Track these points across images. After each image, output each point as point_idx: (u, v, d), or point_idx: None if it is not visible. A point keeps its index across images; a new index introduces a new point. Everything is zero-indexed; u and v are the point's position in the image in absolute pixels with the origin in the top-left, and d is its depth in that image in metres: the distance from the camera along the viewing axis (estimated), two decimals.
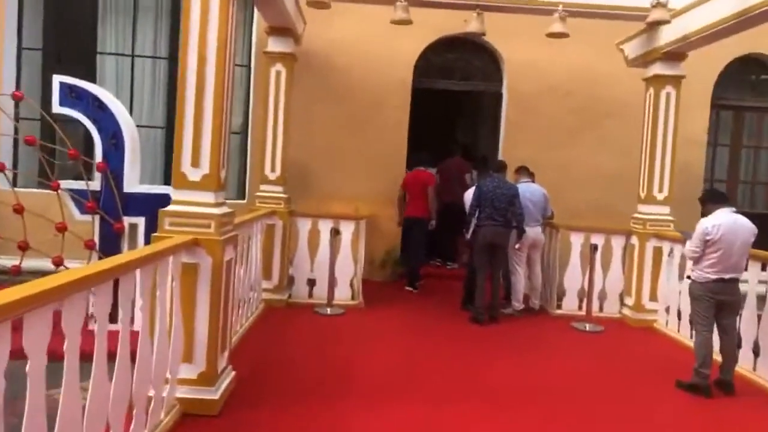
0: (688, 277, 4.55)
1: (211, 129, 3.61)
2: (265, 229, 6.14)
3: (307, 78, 7.72)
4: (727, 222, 4.24)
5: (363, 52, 7.85)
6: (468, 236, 6.25)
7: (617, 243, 6.62)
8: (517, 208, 6.10)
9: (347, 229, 6.48)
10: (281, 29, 6.21)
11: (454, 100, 9.83)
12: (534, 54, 7.96)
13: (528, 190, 6.41)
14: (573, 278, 6.63)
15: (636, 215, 6.56)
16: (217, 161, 3.64)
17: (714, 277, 4.27)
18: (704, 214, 4.39)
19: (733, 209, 4.36)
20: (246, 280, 5.31)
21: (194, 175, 3.62)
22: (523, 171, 6.67)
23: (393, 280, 7.94)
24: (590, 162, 8.06)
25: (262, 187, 6.36)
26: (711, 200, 4.41)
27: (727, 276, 4.26)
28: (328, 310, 6.19)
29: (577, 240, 6.60)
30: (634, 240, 6.47)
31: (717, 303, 4.31)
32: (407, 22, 6.12)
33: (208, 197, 3.62)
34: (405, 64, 7.93)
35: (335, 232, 6.29)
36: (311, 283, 6.58)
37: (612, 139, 8.08)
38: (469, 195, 6.52)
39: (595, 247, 6.19)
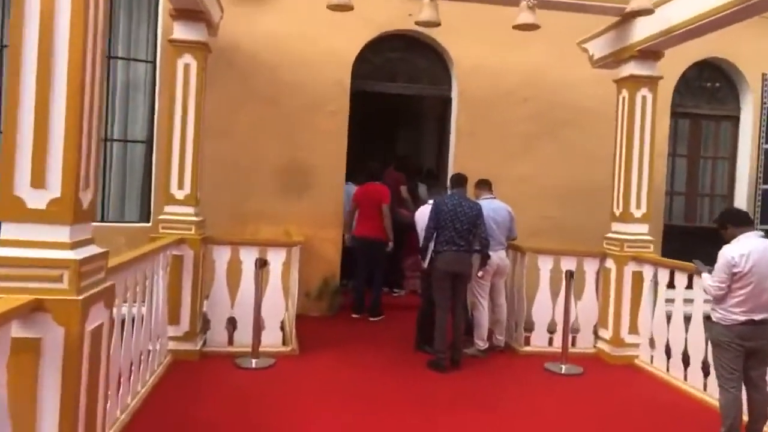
0: (708, 318, 3.70)
1: (63, 134, 2.38)
2: (171, 261, 4.86)
3: (227, 78, 6.51)
4: (756, 249, 3.42)
5: (294, 49, 6.70)
6: (425, 264, 5.21)
7: (590, 267, 5.78)
8: (481, 229, 5.13)
9: (277, 258, 5.28)
10: (190, 12, 4.98)
11: (397, 105, 8.85)
12: (487, 55, 7.10)
13: (491, 207, 5.46)
14: (542, 310, 5.72)
15: (610, 235, 5.76)
16: (74, 179, 2.40)
17: (743, 318, 3.43)
18: (726, 240, 3.55)
19: (761, 233, 3.55)
20: (140, 335, 4.02)
21: (36, 200, 2.36)
22: (484, 185, 5.72)
23: (332, 314, 6.79)
24: (550, 175, 7.25)
25: (167, 208, 5.07)
26: (734, 222, 3.57)
27: (758, 317, 3.42)
28: (254, 362, 4.96)
29: (545, 265, 5.71)
30: (610, 263, 5.65)
31: (746, 351, 3.46)
32: (347, 8, 5.07)
33: (60, 234, 2.38)
34: (342, 64, 6.85)
35: (262, 263, 5.08)
36: (231, 326, 5.32)
37: (573, 149, 7.32)
38: (422, 215, 5.51)
39: (570, 274, 5.30)
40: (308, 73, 6.73)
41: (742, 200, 7.97)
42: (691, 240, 7.45)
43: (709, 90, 8.17)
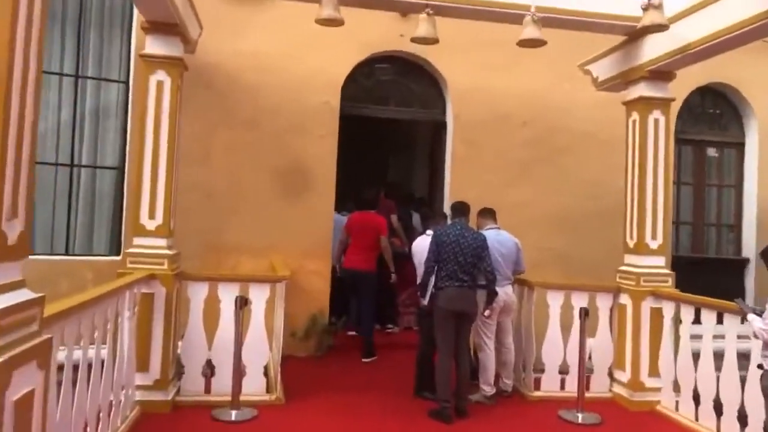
0: (760, 367, 3.22)
1: None
2: (140, 300, 4.29)
3: (206, 99, 6.04)
4: None
5: (279, 68, 6.27)
6: (424, 302, 4.70)
7: (603, 303, 5.31)
8: (487, 262, 4.64)
9: (260, 296, 4.73)
10: (163, 25, 4.52)
11: (388, 129, 8.43)
12: (483, 77, 6.74)
13: (497, 239, 4.99)
14: (553, 350, 5.22)
15: (624, 268, 5.30)
16: None
17: None
18: None
19: None
20: (99, 387, 3.43)
21: None
22: (488, 215, 5.26)
23: (320, 354, 6.20)
24: (550, 202, 6.84)
25: (136, 240, 4.52)
26: None
27: None
28: (233, 414, 4.36)
29: (555, 300, 5.23)
30: (625, 299, 5.18)
31: None
32: (337, 22, 4.62)
33: None
34: (330, 85, 6.43)
35: (243, 302, 4.53)
36: (209, 372, 4.73)
37: (574, 175, 6.93)
38: (420, 247, 5.02)
39: (585, 312, 4.82)
40: (294, 94, 6.30)
41: (751, 229, 7.62)
42: (698, 271, 7.06)
43: (712, 116, 7.89)
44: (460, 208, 4.90)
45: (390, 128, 8.29)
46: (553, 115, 6.92)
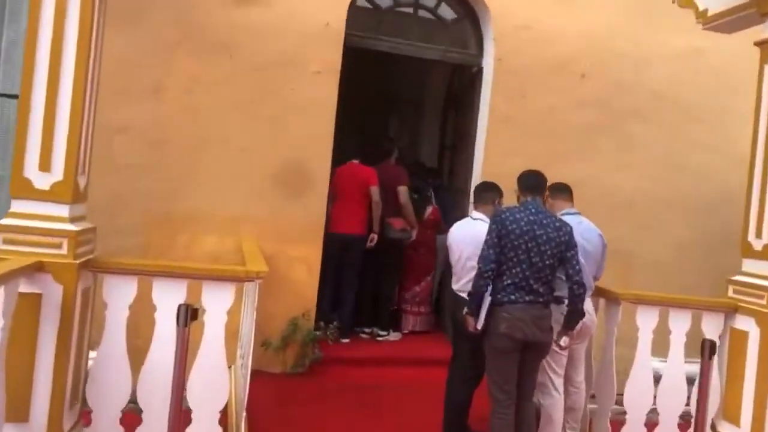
0: None
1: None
2: (17, 305, 2.54)
3: (160, 8, 4.26)
4: None
5: None
6: (478, 324, 3.04)
7: (711, 326, 3.74)
8: (573, 266, 3.02)
9: (218, 302, 3.00)
10: None
11: (401, 73, 6.72)
12: (535, 11, 5.07)
13: (578, 230, 3.33)
14: (640, 390, 3.65)
15: (745, 279, 3.72)
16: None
17: None
18: None
19: None
20: None
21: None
22: (564, 192, 3.66)
23: (300, 371, 4.55)
24: (611, 184, 5.25)
25: (18, 206, 2.73)
26: None
27: None
28: None
29: (648, 322, 3.64)
30: (746, 323, 3.62)
31: None
32: None
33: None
34: (333, 3, 4.67)
35: (191, 313, 2.82)
36: (132, 419, 3.02)
37: (644, 150, 5.36)
38: (461, 236, 3.41)
39: (711, 347, 3.23)
40: (281, 11, 4.52)
41: None
42: None
43: None
44: (535, 181, 3.22)
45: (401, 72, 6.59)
46: (622, 66, 5.30)
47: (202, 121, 4.37)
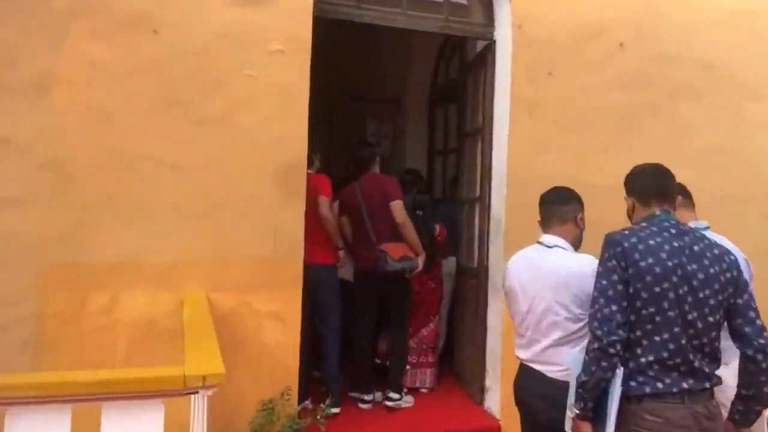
0: None
1: None
2: None
3: None
4: None
5: None
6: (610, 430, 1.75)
7: None
8: (753, 319, 1.80)
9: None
10: None
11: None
12: None
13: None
14: None
15: None
16: None
17: None
18: None
19: None
20: None
21: None
22: (683, 195, 2.48)
23: None
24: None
25: None
26: None
27: None
28: None
29: None
30: None
31: None
32: None
33: None
34: None
35: None
36: None
37: (698, 135, 4.26)
38: (538, 269, 2.18)
39: None
40: None
41: None
42: None
43: None
44: (661, 181, 1.98)
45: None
46: (668, 35, 4.18)
47: (115, 129, 3.00)
